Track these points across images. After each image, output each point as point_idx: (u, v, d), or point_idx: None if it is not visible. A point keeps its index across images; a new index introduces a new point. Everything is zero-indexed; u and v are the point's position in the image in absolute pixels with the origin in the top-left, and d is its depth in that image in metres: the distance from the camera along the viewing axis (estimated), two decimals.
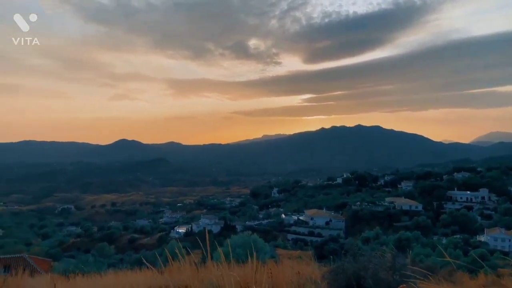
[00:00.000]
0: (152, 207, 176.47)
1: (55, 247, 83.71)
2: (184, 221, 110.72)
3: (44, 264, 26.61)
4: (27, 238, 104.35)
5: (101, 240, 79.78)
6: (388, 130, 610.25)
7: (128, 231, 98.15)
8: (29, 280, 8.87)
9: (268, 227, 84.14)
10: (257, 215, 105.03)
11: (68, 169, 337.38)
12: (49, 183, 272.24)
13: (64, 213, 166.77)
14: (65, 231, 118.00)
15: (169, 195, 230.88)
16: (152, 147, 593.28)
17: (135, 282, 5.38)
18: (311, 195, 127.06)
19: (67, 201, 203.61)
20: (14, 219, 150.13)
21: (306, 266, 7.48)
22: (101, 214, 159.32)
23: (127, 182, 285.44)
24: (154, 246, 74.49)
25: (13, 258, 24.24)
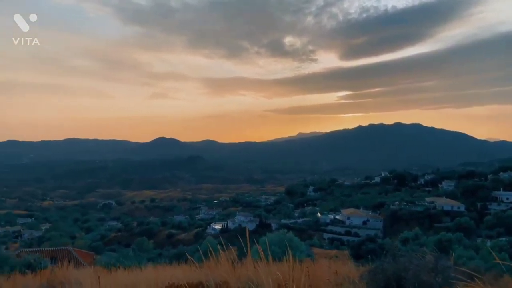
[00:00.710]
0: (189, 203, 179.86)
1: (97, 240, 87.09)
2: (219, 218, 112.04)
3: (87, 257, 27.76)
4: (72, 231, 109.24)
5: (140, 235, 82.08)
6: (428, 128, 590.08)
7: (166, 227, 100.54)
8: (74, 272, 9.26)
9: (303, 225, 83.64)
10: (292, 214, 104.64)
11: (110, 166, 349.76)
12: (92, 179, 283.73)
13: (106, 208, 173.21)
14: (106, 225, 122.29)
15: (205, 192, 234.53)
16: (189, 145, 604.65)
17: (174, 276, 5.49)
18: (347, 194, 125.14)
19: (109, 197, 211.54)
20: (60, 214, 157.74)
21: (343, 265, 7.37)
22: (140, 210, 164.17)
23: (165, 178, 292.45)
24: (191, 241, 75.93)
25: (59, 250, 25.41)
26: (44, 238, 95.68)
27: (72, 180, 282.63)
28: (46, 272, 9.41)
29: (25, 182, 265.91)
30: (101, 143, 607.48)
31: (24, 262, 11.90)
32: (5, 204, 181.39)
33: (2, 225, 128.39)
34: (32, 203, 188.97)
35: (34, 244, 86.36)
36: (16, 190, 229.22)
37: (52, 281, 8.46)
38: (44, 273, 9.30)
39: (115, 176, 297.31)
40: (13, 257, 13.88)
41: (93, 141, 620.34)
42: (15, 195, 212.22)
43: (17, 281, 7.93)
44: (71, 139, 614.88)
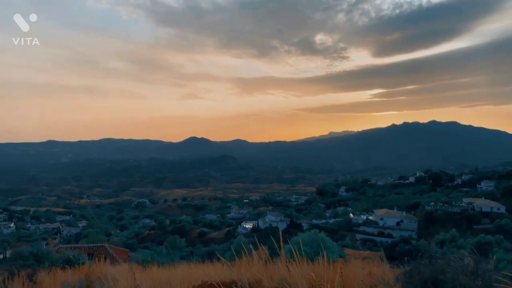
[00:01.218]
0: (220, 202, 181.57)
1: (131, 238, 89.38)
2: (250, 217, 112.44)
3: (122, 254, 28.50)
4: (107, 229, 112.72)
5: (173, 233, 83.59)
6: (465, 126, 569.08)
7: (198, 225, 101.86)
8: (110, 268, 9.53)
9: (335, 226, 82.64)
10: (324, 214, 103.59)
11: (143, 165, 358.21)
12: (126, 178, 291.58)
13: (140, 207, 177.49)
14: (140, 223, 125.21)
15: (236, 191, 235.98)
16: (220, 145, 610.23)
17: (206, 274, 5.55)
18: (381, 195, 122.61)
19: (142, 195, 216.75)
20: (96, 211, 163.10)
21: (377, 267, 7.21)
22: (173, 208, 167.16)
23: (197, 177, 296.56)
24: (222, 240, 76.62)
25: (95, 247, 26.19)
26: (82, 235, 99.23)
27: (107, 178, 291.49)
28: (84, 268, 9.73)
29: (64, 181, 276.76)
30: (135, 143, 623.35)
31: (64, 257, 12.34)
32: (46, 201, 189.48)
33: (43, 222, 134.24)
34: (70, 201, 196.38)
35: (72, 240, 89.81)
36: (55, 189, 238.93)
37: (90, 276, 8.74)
38: (82, 269, 9.61)
39: (148, 175, 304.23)
40: (53, 253, 14.43)
41: (127, 141, 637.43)
42: (54, 193, 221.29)
43: (57, 276, 8.24)
44: (107, 139, 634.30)
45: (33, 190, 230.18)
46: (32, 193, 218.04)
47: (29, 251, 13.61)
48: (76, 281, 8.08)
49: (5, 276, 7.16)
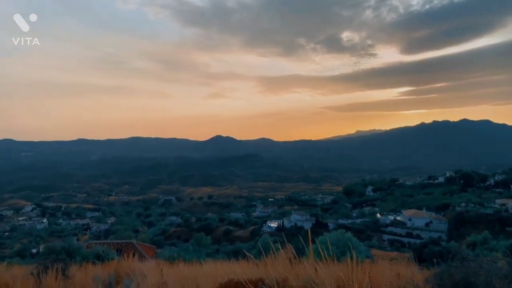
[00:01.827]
0: (245, 200, 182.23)
1: (158, 235, 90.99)
2: (275, 216, 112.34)
3: (150, 250, 29.04)
4: (135, 225, 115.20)
5: (198, 231, 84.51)
6: (499, 125, 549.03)
7: (223, 223, 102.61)
8: (138, 264, 9.72)
9: (362, 226, 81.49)
10: (350, 214, 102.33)
11: (170, 163, 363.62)
12: (153, 176, 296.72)
13: (166, 204, 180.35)
14: (167, 220, 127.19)
15: (261, 189, 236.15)
16: (245, 143, 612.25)
17: (233, 272, 5.57)
18: (409, 195, 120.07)
19: (169, 193, 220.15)
20: (124, 208, 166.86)
21: (405, 268, 7.06)
22: (198, 206, 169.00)
23: (222, 176, 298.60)
24: (247, 238, 76.92)
25: (124, 243, 26.78)
26: (110, 231, 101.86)
27: (135, 176, 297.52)
28: (113, 263, 9.97)
29: (94, 178, 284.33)
30: (162, 141, 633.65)
31: (94, 253, 12.69)
32: (76, 198, 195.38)
33: (74, 218, 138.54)
34: (99, 198, 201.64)
35: (101, 236, 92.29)
36: (85, 186, 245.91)
37: (119, 272, 8.95)
38: (112, 264, 9.85)
39: (175, 173, 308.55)
40: (83, 248, 14.83)
41: (154, 139, 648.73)
42: (84, 190, 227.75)
43: (88, 270, 8.48)
44: (135, 137, 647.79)
45: (65, 187, 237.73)
46: (63, 189, 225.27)
47: (61, 246, 14.05)
48: (106, 276, 8.29)
49: (40, 269, 7.44)
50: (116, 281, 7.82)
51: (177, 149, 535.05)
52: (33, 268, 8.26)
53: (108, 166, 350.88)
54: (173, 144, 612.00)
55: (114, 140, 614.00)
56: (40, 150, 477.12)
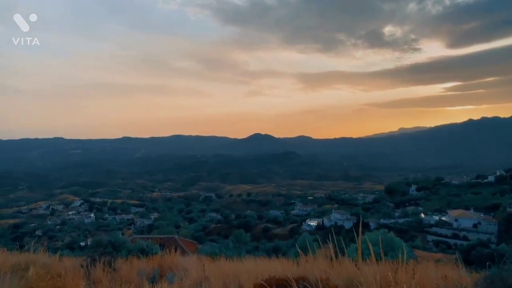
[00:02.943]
0: (283, 198, 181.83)
1: (199, 231, 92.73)
2: (315, 215, 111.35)
3: (191, 246, 29.65)
4: (177, 221, 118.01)
5: (238, 227, 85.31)
6: None
7: (262, 221, 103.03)
8: (180, 259, 9.96)
9: (405, 226, 79.11)
10: (392, 213, 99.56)
11: (210, 161, 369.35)
12: (194, 173, 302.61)
13: (207, 201, 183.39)
14: (207, 217, 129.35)
15: (300, 188, 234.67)
16: (284, 141, 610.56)
17: (274, 269, 5.59)
18: (455, 194, 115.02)
19: (209, 190, 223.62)
20: (167, 204, 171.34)
21: (452, 270, 6.79)
22: (237, 203, 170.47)
23: (261, 173, 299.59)
24: (286, 236, 76.80)
25: (166, 238, 27.51)
26: (153, 226, 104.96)
27: (177, 173, 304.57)
28: (157, 258, 10.27)
29: (138, 175, 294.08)
30: (202, 139, 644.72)
31: (138, 247, 13.12)
32: (121, 194, 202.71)
33: (119, 213, 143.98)
34: (143, 194, 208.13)
35: (144, 231, 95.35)
36: (130, 182, 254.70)
37: (162, 266, 9.22)
38: (155, 258, 10.15)
39: (215, 170, 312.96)
40: (128, 242, 15.36)
41: (195, 137, 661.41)
42: (129, 186, 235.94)
43: (133, 264, 8.79)
44: (176, 135, 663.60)
45: (110, 183, 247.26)
46: (109, 186, 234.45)
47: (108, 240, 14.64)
48: (150, 270, 8.57)
49: (89, 262, 7.82)
50: (159, 275, 8.07)
51: (216, 147, 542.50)
52: (82, 261, 8.68)
53: (151, 163, 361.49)
54: (213, 142, 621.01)
55: (157, 138, 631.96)
56: (88, 148, 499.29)
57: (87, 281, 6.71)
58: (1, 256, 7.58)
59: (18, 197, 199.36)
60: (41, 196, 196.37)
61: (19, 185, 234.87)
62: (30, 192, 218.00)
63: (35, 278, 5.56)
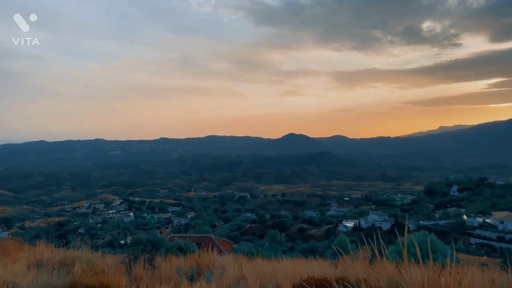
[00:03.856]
0: (319, 199, 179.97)
1: (234, 230, 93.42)
2: (351, 216, 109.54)
3: (227, 245, 29.92)
4: (212, 220, 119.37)
5: (273, 227, 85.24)
6: None
7: (297, 221, 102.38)
8: (217, 258, 10.08)
9: (446, 228, 76.34)
10: (433, 215, 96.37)
11: (244, 161, 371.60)
12: (229, 173, 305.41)
13: (241, 200, 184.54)
14: (242, 216, 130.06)
15: (335, 188, 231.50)
16: (318, 141, 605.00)
17: (311, 270, 5.55)
18: (500, 195, 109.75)
19: (244, 190, 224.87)
20: (202, 204, 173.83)
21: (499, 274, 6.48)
22: (272, 203, 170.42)
23: (295, 174, 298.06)
24: (322, 237, 75.94)
25: (202, 237, 27.88)
26: (190, 225, 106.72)
27: (212, 173, 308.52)
28: (194, 256, 10.44)
29: (174, 175, 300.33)
30: (237, 140, 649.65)
31: (177, 245, 13.40)
32: (159, 194, 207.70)
33: (157, 212, 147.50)
34: (179, 193, 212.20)
35: (181, 230, 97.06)
36: (167, 182, 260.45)
37: (200, 264, 9.36)
38: (193, 257, 10.33)
39: (249, 171, 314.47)
40: (166, 241, 15.71)
41: (229, 138, 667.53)
42: (165, 186, 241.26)
43: (172, 262, 8.99)
44: (211, 136, 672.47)
45: (148, 183, 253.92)
46: (147, 185, 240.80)
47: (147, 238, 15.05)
48: (188, 268, 8.73)
49: (130, 259, 8.07)
50: (198, 273, 8.20)
51: (251, 147, 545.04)
52: (123, 258, 8.97)
53: (187, 163, 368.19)
54: (247, 142, 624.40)
55: (192, 139, 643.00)
56: (127, 149, 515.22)
57: (128, 277, 6.92)
58: (49, 252, 7.96)
59: (62, 196, 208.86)
60: (83, 195, 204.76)
61: (63, 184, 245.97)
62: (73, 191, 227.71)
63: (80, 274, 5.80)
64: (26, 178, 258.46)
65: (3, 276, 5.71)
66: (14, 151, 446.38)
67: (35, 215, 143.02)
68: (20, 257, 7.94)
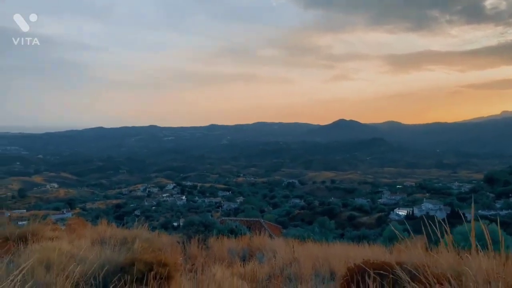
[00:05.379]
0: (370, 186, 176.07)
1: (283, 216, 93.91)
2: (404, 204, 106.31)
3: (275, 230, 30.21)
4: (261, 205, 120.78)
5: (322, 214, 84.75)
6: None
7: (347, 208, 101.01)
8: (268, 241, 10.21)
9: (508, 219, 71.96)
10: (493, 205, 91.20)
11: (292, 147, 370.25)
12: (277, 159, 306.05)
13: (289, 187, 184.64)
14: (290, 202, 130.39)
15: (387, 175, 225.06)
16: (370, 127, 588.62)
17: (364, 255, 5.46)
18: None
19: (292, 176, 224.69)
20: (251, 189, 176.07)
21: None
22: (321, 190, 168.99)
23: (345, 160, 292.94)
24: (372, 225, 74.46)
25: (252, 221, 28.36)
26: (239, 209, 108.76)
27: (260, 159, 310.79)
28: (245, 238, 10.65)
29: (224, 160, 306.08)
30: (285, 126, 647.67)
31: (228, 227, 13.73)
32: (209, 178, 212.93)
33: (207, 196, 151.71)
34: (229, 178, 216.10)
35: (231, 214, 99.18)
36: (216, 167, 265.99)
37: (251, 246, 9.54)
38: (244, 239, 10.53)
39: (297, 157, 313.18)
40: (218, 223, 16.12)
41: (277, 124, 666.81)
42: (216, 171, 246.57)
43: (224, 243, 9.23)
44: (260, 122, 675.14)
45: (200, 168, 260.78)
46: (198, 170, 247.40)
47: (199, 220, 15.54)
48: (239, 249, 8.92)
49: (185, 239, 8.41)
50: (249, 254, 8.37)
51: (299, 133, 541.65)
52: (179, 237, 9.35)
53: (236, 149, 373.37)
54: (295, 128, 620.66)
55: (241, 125, 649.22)
56: (179, 135, 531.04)
57: (183, 256, 7.21)
58: (111, 230, 8.46)
59: (119, 180, 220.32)
60: (139, 179, 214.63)
61: (120, 169, 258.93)
62: (130, 175, 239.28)
63: (140, 251, 6.12)
64: (87, 162, 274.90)
65: (70, 250, 6.16)
66: (75, 137, 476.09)
67: (95, 197, 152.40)
68: (85, 235, 8.50)
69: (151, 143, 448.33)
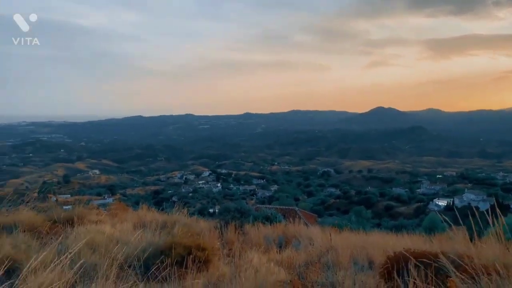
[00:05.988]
0: (408, 176, 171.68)
1: (318, 205, 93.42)
2: (444, 194, 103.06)
3: (311, 218, 30.14)
4: (296, 194, 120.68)
5: (358, 204, 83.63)
6: None
7: (384, 198, 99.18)
8: (304, 228, 10.22)
9: None
10: None
11: (328, 135, 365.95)
12: (312, 148, 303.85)
13: (325, 176, 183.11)
14: (326, 191, 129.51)
15: (427, 165, 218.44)
16: (409, 115, 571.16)
17: (404, 244, 5.36)
18: None
19: (327, 165, 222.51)
20: (285, 177, 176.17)
21: None
22: (357, 179, 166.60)
23: (383, 149, 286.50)
24: (410, 216, 72.79)
25: (286, 209, 28.44)
26: (273, 197, 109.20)
27: (295, 147, 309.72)
28: (280, 226, 10.71)
29: (258, 149, 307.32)
30: (320, 114, 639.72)
31: (263, 214, 13.84)
32: (244, 166, 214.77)
33: (242, 183, 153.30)
34: (263, 166, 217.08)
35: (265, 201, 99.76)
36: (251, 155, 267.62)
37: (286, 234, 9.59)
38: (279, 226, 10.60)
39: (333, 146, 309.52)
40: (253, 210, 16.27)
41: (313, 112, 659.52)
42: (250, 159, 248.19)
43: (260, 229, 9.32)
44: (294, 110, 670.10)
45: (234, 156, 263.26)
46: (233, 158, 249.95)
47: (235, 207, 15.76)
48: (275, 236, 8.99)
49: (222, 224, 8.58)
50: (285, 241, 8.42)
51: (335, 121, 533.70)
52: (216, 223, 9.54)
53: (270, 138, 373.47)
54: (331, 116, 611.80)
55: (275, 113, 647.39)
56: (214, 124, 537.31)
57: (221, 241, 7.37)
58: (152, 215, 8.76)
59: (158, 167, 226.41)
60: (176, 166, 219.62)
61: (158, 156, 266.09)
62: (167, 162, 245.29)
63: (179, 235, 6.31)
64: (127, 150, 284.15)
65: (113, 234, 6.45)
66: (115, 126, 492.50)
67: (135, 184, 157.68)
68: (126, 219, 8.84)
69: (187, 132, 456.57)
